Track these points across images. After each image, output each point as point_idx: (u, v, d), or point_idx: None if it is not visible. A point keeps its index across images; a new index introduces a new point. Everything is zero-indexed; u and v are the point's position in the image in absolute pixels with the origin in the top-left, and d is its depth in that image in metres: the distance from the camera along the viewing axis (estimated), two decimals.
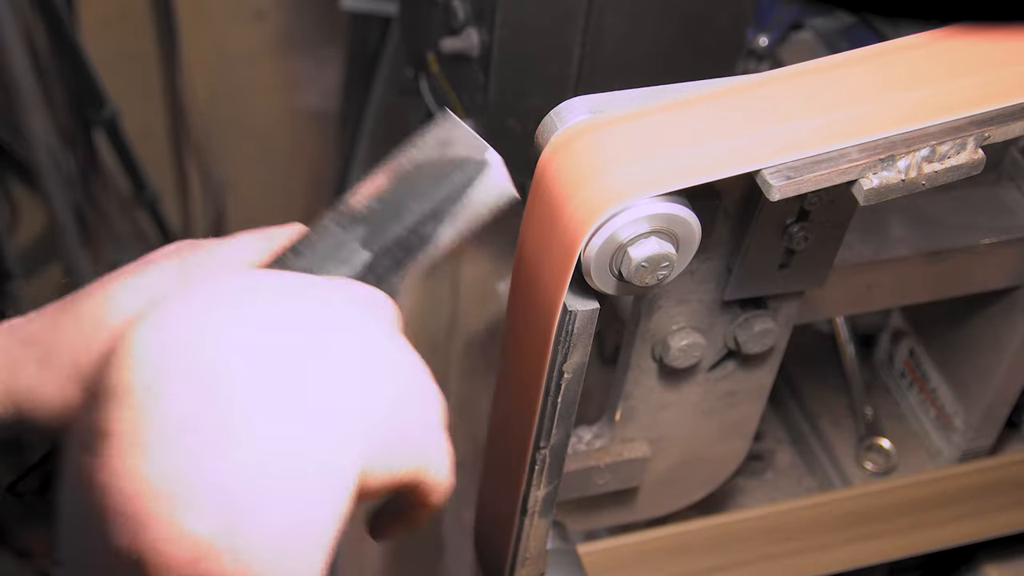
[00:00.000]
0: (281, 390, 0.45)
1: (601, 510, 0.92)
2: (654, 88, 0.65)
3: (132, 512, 0.42)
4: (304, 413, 0.45)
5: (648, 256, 0.62)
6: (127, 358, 0.44)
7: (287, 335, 0.47)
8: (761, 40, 1.14)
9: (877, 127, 0.63)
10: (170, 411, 0.43)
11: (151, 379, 0.44)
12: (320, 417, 0.46)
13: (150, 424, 0.43)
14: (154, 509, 0.42)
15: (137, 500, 0.42)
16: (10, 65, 1.55)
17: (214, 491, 0.43)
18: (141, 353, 0.44)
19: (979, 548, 1.06)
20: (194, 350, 0.44)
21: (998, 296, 0.94)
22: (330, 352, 0.48)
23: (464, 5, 0.98)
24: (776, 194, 0.61)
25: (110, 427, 0.43)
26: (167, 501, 0.42)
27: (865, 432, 1.07)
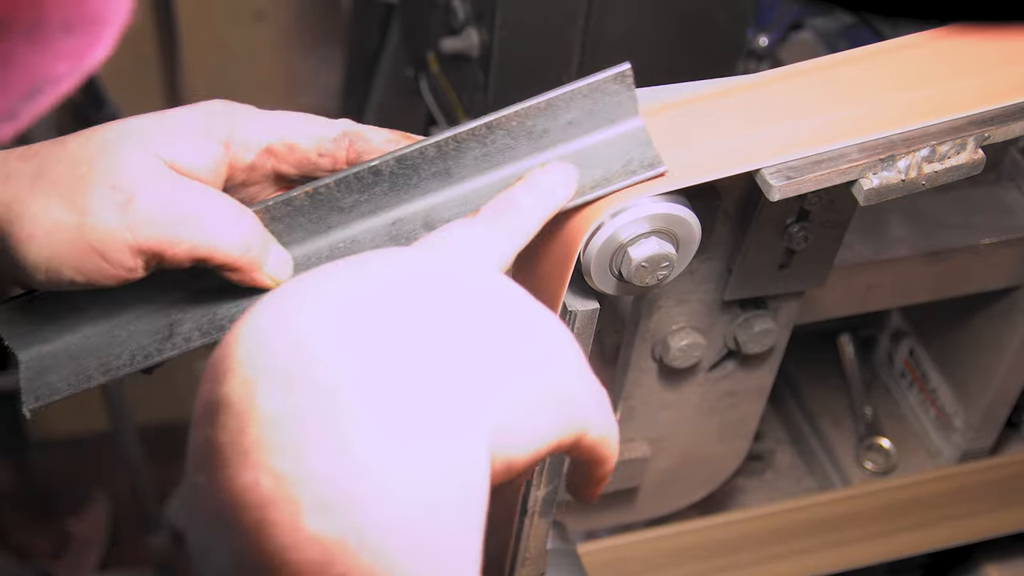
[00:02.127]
0: (389, 379, 0.43)
1: (601, 510, 0.92)
2: (654, 88, 0.65)
3: (253, 524, 0.40)
4: (415, 399, 0.43)
5: (648, 256, 0.62)
6: (225, 369, 0.43)
7: (393, 321, 0.44)
8: (761, 40, 1.14)
9: (877, 127, 0.63)
10: (275, 415, 0.41)
11: (251, 385, 0.42)
12: (433, 401, 0.43)
13: (256, 431, 0.41)
14: (275, 517, 0.40)
15: (256, 511, 0.40)
16: None
17: (333, 490, 0.40)
18: (237, 359, 0.43)
19: (979, 548, 1.06)
20: (292, 347, 0.42)
21: (998, 296, 0.94)
22: (440, 331, 0.45)
23: (464, 5, 0.98)
24: (776, 194, 0.61)
25: (218, 440, 0.42)
26: (287, 506, 0.40)
27: (865, 432, 1.07)
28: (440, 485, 0.42)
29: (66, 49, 0.37)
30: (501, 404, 0.45)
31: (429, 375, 0.44)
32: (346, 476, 0.40)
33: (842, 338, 1.12)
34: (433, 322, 0.45)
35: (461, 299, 0.47)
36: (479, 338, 0.46)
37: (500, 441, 0.45)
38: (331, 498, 0.40)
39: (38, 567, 1.84)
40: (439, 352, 0.44)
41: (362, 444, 0.41)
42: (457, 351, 0.45)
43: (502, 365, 0.46)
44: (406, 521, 0.41)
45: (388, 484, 0.41)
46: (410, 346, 0.44)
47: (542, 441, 0.47)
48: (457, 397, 0.44)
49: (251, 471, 0.41)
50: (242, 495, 0.41)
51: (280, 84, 1.98)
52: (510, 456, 0.46)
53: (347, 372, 0.42)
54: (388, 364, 0.43)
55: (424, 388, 0.43)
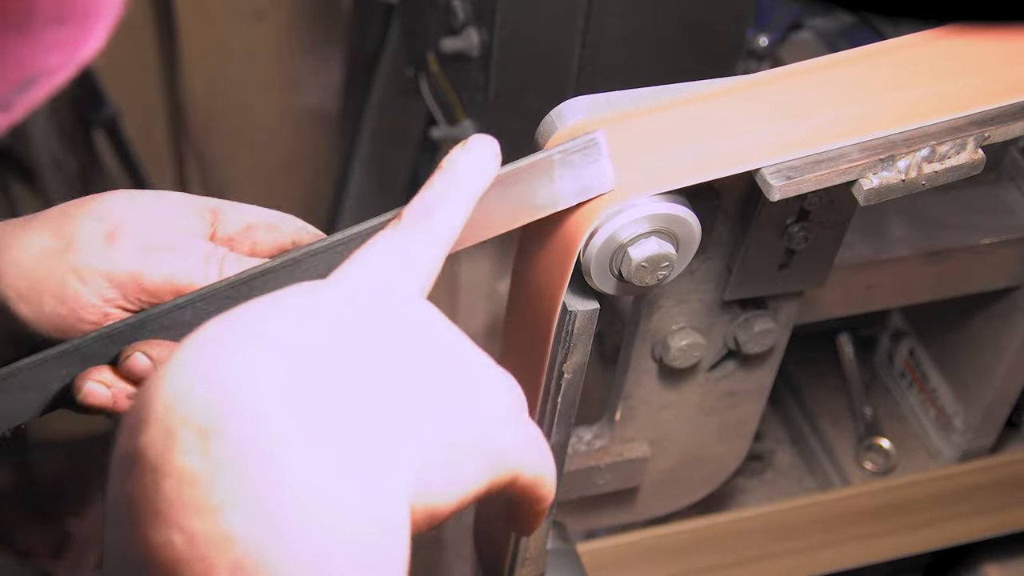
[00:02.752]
0: (314, 438, 0.41)
1: (601, 510, 0.92)
2: (654, 88, 0.65)
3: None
4: (340, 461, 0.41)
5: (648, 256, 0.62)
6: (143, 419, 0.42)
7: (314, 371, 0.43)
8: (761, 40, 1.14)
9: (877, 126, 0.63)
10: (192, 473, 0.40)
11: (169, 439, 0.41)
12: (352, 460, 0.42)
13: (170, 488, 0.40)
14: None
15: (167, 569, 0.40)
16: None
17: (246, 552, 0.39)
18: (155, 410, 0.41)
19: (979, 547, 1.06)
20: (212, 400, 0.41)
21: (998, 296, 0.94)
22: (359, 378, 0.44)
23: (464, 5, 0.98)
24: (776, 194, 0.61)
25: (133, 495, 0.41)
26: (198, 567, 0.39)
27: (865, 432, 1.07)
28: (359, 548, 0.41)
29: (58, 41, 0.37)
30: (421, 453, 0.44)
31: (353, 435, 0.42)
32: (262, 541, 0.40)
33: (841, 338, 1.12)
34: (360, 372, 0.44)
35: (380, 340, 0.45)
36: (398, 384, 0.45)
37: (421, 491, 0.44)
38: (244, 562, 0.39)
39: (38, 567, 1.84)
40: (364, 407, 0.43)
41: (279, 507, 0.40)
42: (376, 401, 0.44)
43: (427, 412, 0.45)
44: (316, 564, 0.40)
45: (305, 550, 0.40)
46: (335, 402, 0.43)
47: (467, 488, 0.46)
48: (381, 457, 0.43)
49: (164, 530, 0.40)
50: (154, 551, 0.40)
51: (280, 84, 1.98)
52: (432, 504, 0.45)
53: (270, 429, 0.41)
54: (312, 422, 0.42)
55: (348, 451, 0.42)
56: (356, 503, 0.41)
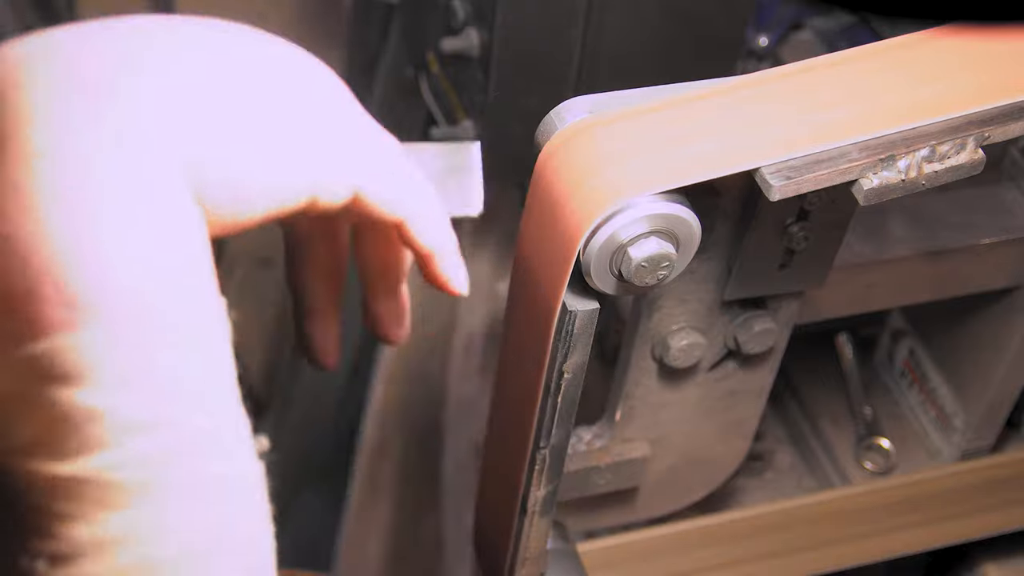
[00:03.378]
0: (74, 94, 0.40)
1: (601, 510, 0.92)
2: (654, 88, 0.65)
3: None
4: (95, 117, 0.40)
5: (648, 256, 0.62)
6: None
7: (114, 44, 0.42)
8: (761, 40, 1.14)
9: (877, 126, 0.63)
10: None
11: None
12: (117, 118, 0.40)
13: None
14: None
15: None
16: None
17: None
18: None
19: (978, 547, 1.06)
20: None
21: (998, 296, 0.94)
22: (175, 64, 0.42)
23: (464, 5, 0.98)
24: (776, 194, 0.61)
25: None
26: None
27: (864, 432, 1.07)
28: (109, 192, 0.39)
29: None
30: (216, 138, 0.42)
31: (118, 95, 0.40)
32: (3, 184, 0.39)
33: (840, 338, 1.12)
34: (151, 46, 0.42)
35: (222, 41, 0.45)
36: (216, 71, 0.43)
37: (217, 176, 0.42)
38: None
39: None
40: (157, 84, 0.41)
41: (20, 160, 0.39)
42: (177, 82, 0.42)
43: (231, 104, 0.43)
44: (66, 219, 0.38)
45: (38, 195, 0.39)
46: (106, 69, 0.41)
47: (281, 190, 0.44)
48: (150, 119, 0.41)
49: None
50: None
51: None
52: (238, 198, 0.43)
53: (24, 89, 0.40)
54: (74, 74, 0.40)
55: (107, 106, 0.40)
56: (110, 161, 0.40)
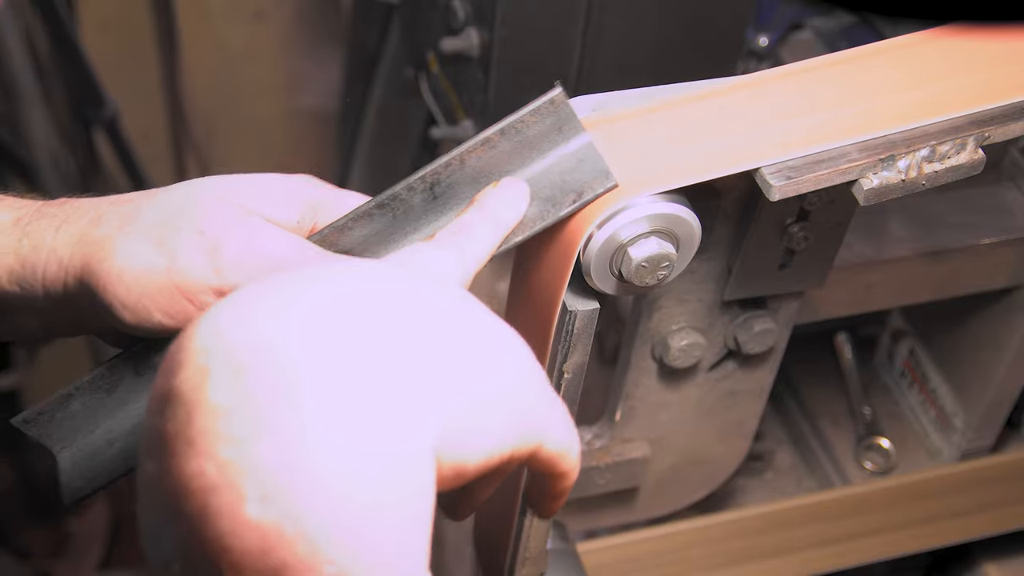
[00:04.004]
0: (340, 379, 0.43)
1: (601, 510, 0.92)
2: (654, 88, 0.65)
3: (197, 511, 0.42)
4: (364, 400, 0.44)
5: (648, 256, 0.62)
6: (179, 361, 0.44)
7: (352, 326, 0.45)
8: (761, 40, 1.14)
9: (877, 126, 0.63)
10: (224, 405, 0.42)
11: (202, 375, 0.43)
12: (381, 403, 0.44)
13: (203, 420, 0.42)
14: (217, 505, 0.41)
15: (200, 497, 0.42)
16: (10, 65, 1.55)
17: (275, 481, 0.41)
18: (191, 351, 0.43)
19: (978, 546, 1.06)
20: (247, 341, 0.43)
21: (998, 296, 0.94)
22: (397, 338, 0.46)
23: (464, 5, 0.98)
24: (776, 194, 0.61)
25: (167, 430, 0.43)
26: (229, 494, 0.41)
27: (864, 432, 1.07)
28: (381, 482, 0.43)
29: None
30: (452, 410, 0.46)
31: (380, 378, 0.44)
32: (289, 469, 0.41)
33: (839, 338, 1.12)
34: (391, 329, 0.46)
35: (421, 308, 0.48)
36: (435, 346, 0.47)
37: (449, 446, 0.46)
38: (273, 488, 0.41)
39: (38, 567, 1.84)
40: (393, 357, 0.45)
41: (307, 439, 0.42)
42: (411, 358, 0.46)
43: (456, 373, 0.47)
44: (344, 514, 0.42)
45: (329, 478, 0.42)
46: (365, 350, 0.45)
47: (493, 449, 0.48)
48: (406, 401, 0.45)
49: (197, 460, 0.42)
50: (187, 482, 0.42)
51: (280, 84, 1.98)
52: (459, 461, 0.47)
53: (299, 369, 0.43)
54: (341, 365, 0.44)
55: (373, 391, 0.44)
56: (375, 449, 0.43)
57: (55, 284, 0.58)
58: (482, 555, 0.88)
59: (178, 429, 0.42)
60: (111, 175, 1.88)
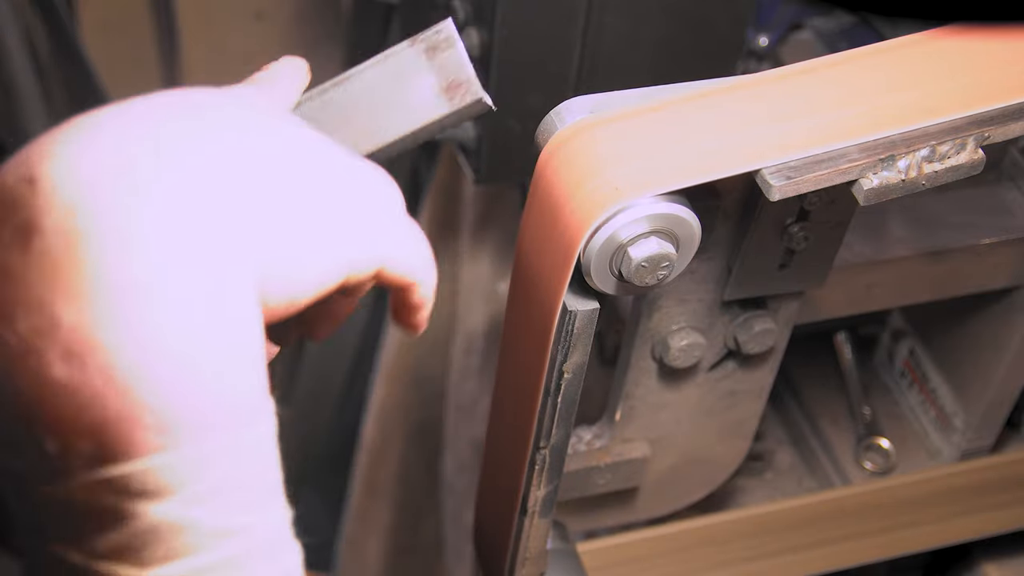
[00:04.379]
0: (146, 221, 0.41)
1: (601, 510, 0.92)
2: (654, 88, 0.65)
3: (3, 378, 0.40)
4: (175, 236, 0.42)
5: (648, 256, 0.62)
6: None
7: (164, 158, 0.43)
8: (761, 40, 1.14)
9: (877, 126, 0.63)
10: (11, 268, 0.40)
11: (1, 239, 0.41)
12: (195, 237, 0.42)
13: (2, 285, 0.40)
14: (20, 369, 0.40)
15: (3, 364, 0.40)
16: (10, 65, 1.55)
17: (75, 335, 0.40)
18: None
19: (978, 547, 1.06)
20: (49, 189, 0.41)
21: (998, 296, 0.94)
22: (214, 161, 0.44)
23: (464, 5, 0.98)
24: (776, 194, 0.61)
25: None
26: (31, 360, 0.40)
27: (864, 432, 1.07)
28: (195, 324, 0.41)
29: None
30: (273, 242, 0.45)
31: (189, 216, 0.42)
32: (89, 322, 0.40)
33: (839, 338, 1.12)
34: (209, 161, 0.44)
35: (243, 136, 0.46)
36: (258, 175, 0.45)
37: (274, 278, 0.45)
38: (73, 345, 0.40)
39: None
40: (205, 191, 0.43)
41: (106, 288, 0.40)
42: (229, 185, 0.44)
43: (276, 203, 0.45)
44: (155, 359, 0.41)
45: (134, 324, 0.40)
46: (174, 186, 0.42)
47: (324, 278, 0.47)
48: (221, 235, 0.43)
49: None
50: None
51: None
52: (290, 293, 0.45)
53: (94, 216, 0.41)
54: (142, 202, 0.42)
55: (182, 230, 0.42)
56: (186, 289, 0.41)
57: None
58: (482, 555, 0.88)
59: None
60: None
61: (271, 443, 0.45)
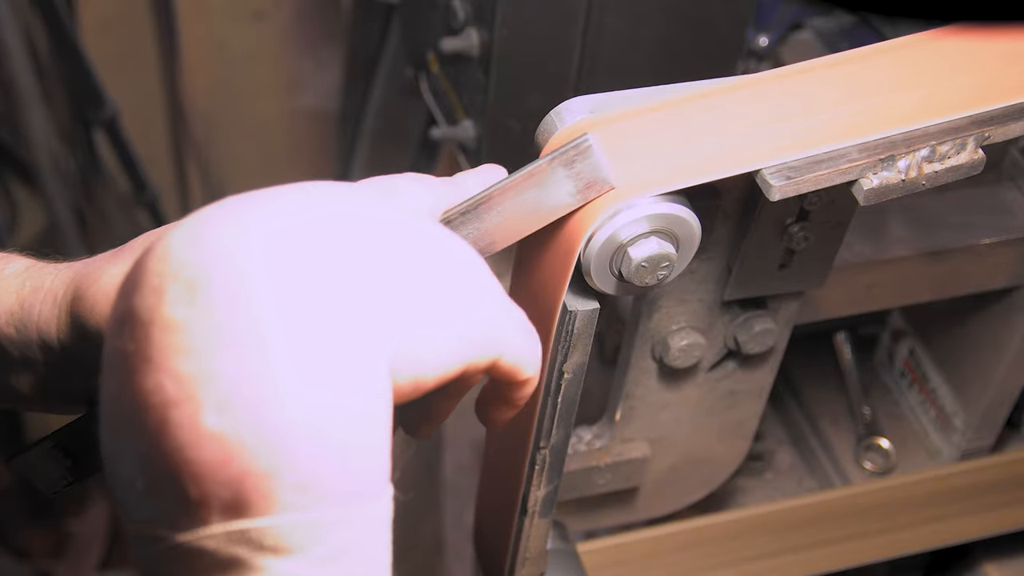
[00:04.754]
0: (298, 289, 0.44)
1: (601, 510, 0.92)
2: (654, 88, 0.65)
3: (156, 425, 0.42)
4: (322, 313, 0.44)
5: (648, 256, 0.62)
6: (135, 282, 0.44)
7: (310, 237, 0.46)
8: (761, 40, 1.14)
9: (877, 126, 0.63)
10: (179, 320, 0.43)
11: (158, 294, 0.43)
12: (340, 317, 0.45)
13: (159, 335, 0.42)
14: (175, 417, 0.42)
15: (158, 411, 0.42)
16: (10, 65, 1.55)
17: (233, 390, 0.42)
18: (147, 270, 0.44)
19: (979, 547, 1.06)
20: (202, 257, 0.44)
21: (998, 296, 0.94)
22: (359, 257, 0.47)
23: (464, 5, 0.98)
24: (776, 194, 0.61)
25: (125, 349, 0.43)
26: (187, 407, 0.42)
27: (864, 432, 1.07)
28: (337, 391, 0.44)
29: None
30: (407, 322, 0.47)
31: (336, 290, 0.45)
32: (246, 378, 0.42)
33: (838, 337, 1.12)
34: (349, 244, 0.47)
35: (380, 225, 0.49)
36: (392, 262, 0.48)
37: (405, 357, 0.47)
38: (230, 398, 0.42)
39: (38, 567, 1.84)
40: (349, 271, 0.46)
41: (263, 349, 0.43)
42: (367, 271, 0.47)
43: (411, 287, 0.48)
44: (302, 421, 0.43)
45: (287, 387, 0.43)
46: (321, 264, 0.45)
47: (450, 361, 0.49)
48: (361, 314, 0.45)
49: (155, 374, 0.42)
50: (146, 398, 0.42)
51: (280, 84, 1.98)
52: (416, 373, 0.48)
53: (254, 281, 0.43)
54: (296, 277, 0.44)
55: (330, 302, 0.45)
56: (331, 358, 0.44)
57: (48, 325, 0.58)
58: (482, 555, 0.88)
59: (136, 347, 0.43)
60: (111, 175, 1.88)
61: (387, 524, 0.47)
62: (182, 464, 0.42)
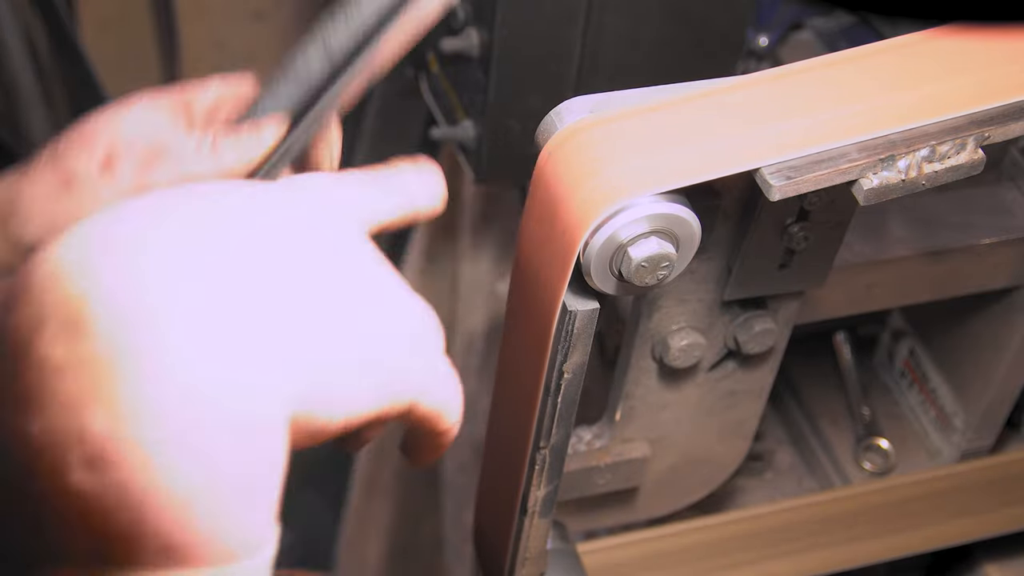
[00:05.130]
0: (188, 337, 0.40)
1: (601, 510, 0.92)
2: (654, 88, 0.65)
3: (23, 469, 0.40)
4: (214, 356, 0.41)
5: (648, 256, 0.62)
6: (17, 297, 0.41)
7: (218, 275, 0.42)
8: (761, 40, 1.14)
9: (877, 126, 0.63)
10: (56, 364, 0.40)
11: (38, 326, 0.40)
12: (232, 362, 0.41)
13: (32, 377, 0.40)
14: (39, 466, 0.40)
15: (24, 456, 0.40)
16: (10, 65, 1.55)
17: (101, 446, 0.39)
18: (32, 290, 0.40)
19: (979, 547, 1.06)
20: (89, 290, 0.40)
21: (998, 296, 0.94)
22: (270, 285, 0.43)
23: (464, 5, 0.98)
24: (776, 194, 0.61)
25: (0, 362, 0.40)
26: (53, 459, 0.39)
27: (864, 432, 1.07)
28: (220, 456, 0.41)
29: None
30: (309, 369, 0.44)
31: (231, 334, 0.41)
32: (118, 438, 0.39)
33: (838, 337, 1.12)
34: (262, 285, 0.43)
35: (299, 261, 0.45)
36: (302, 297, 0.44)
37: (307, 407, 0.43)
38: (99, 456, 0.39)
39: None
40: (248, 307, 0.42)
41: (140, 407, 0.39)
42: (271, 307, 0.43)
43: (320, 330, 0.44)
44: (173, 488, 0.40)
45: (160, 449, 0.40)
46: (225, 313, 0.41)
47: (356, 411, 0.46)
48: (258, 362, 0.42)
49: (20, 417, 0.40)
50: (12, 436, 0.40)
51: None
52: (319, 423, 0.44)
53: (141, 327, 0.40)
54: (187, 322, 0.40)
55: (223, 350, 0.41)
56: (216, 419, 0.40)
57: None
58: (482, 555, 0.88)
59: (5, 381, 0.40)
60: None
61: (268, 569, 0.44)
62: (46, 511, 0.40)
